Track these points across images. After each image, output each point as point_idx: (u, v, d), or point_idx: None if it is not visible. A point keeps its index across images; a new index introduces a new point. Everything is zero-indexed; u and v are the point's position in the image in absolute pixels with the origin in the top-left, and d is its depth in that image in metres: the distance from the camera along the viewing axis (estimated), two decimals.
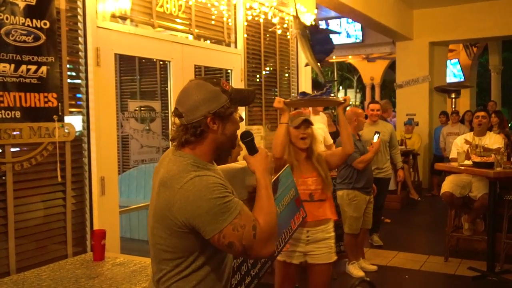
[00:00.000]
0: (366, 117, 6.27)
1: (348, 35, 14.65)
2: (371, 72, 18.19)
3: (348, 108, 5.49)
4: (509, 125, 11.05)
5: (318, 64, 3.58)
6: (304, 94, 3.62)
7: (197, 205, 1.71)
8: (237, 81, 5.51)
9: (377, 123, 6.57)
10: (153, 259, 1.93)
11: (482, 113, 5.92)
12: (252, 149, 1.97)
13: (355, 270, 5.43)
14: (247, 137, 1.98)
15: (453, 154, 5.96)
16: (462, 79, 15.12)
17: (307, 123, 3.56)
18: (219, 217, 1.71)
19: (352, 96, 27.49)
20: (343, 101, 3.66)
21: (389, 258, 6.13)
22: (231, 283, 2.23)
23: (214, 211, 1.70)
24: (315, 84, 7.37)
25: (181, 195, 1.74)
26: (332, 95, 3.54)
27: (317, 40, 3.50)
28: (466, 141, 5.84)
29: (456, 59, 15.16)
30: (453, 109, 11.16)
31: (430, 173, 11.00)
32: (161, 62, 5.94)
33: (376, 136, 5.48)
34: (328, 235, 3.58)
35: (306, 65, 4.22)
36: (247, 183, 2.12)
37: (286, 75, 6.49)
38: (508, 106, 21.37)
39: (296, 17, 3.49)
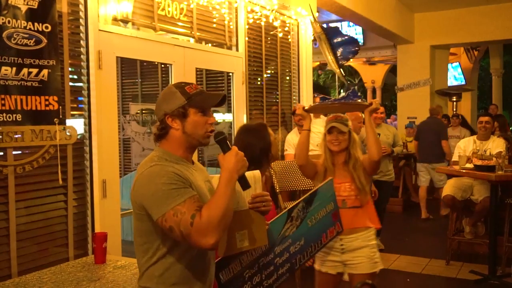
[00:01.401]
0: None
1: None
2: (372, 75, 18.21)
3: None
4: (511, 128, 10.99)
5: (340, 67, 3.46)
6: (324, 99, 3.54)
7: (147, 187, 1.90)
8: (239, 84, 5.51)
9: (380, 126, 6.58)
10: (134, 246, 2.08)
11: (486, 118, 5.94)
12: (225, 148, 2.02)
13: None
14: (219, 136, 2.05)
15: (455, 157, 5.97)
16: (463, 83, 15.13)
17: (336, 129, 3.41)
18: (163, 201, 1.85)
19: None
20: (369, 104, 3.36)
21: (391, 261, 6.12)
22: (222, 279, 2.23)
23: (159, 194, 1.86)
24: (316, 87, 7.38)
25: (139, 179, 1.95)
26: (358, 100, 3.34)
27: (342, 42, 3.40)
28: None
29: (457, 63, 15.16)
30: (454, 112, 11.15)
31: None
32: (162, 65, 5.95)
33: None
34: (366, 243, 3.40)
35: (321, 69, 4.15)
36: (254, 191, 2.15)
37: (288, 78, 6.49)
38: (509, 109, 21.36)
39: (315, 22, 3.44)
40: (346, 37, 3.44)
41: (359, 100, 3.35)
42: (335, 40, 3.38)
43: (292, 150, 5.61)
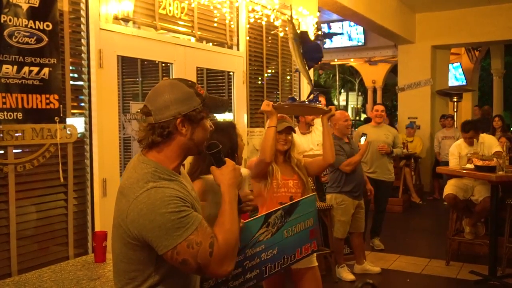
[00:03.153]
0: (369, 120, 6.28)
1: (350, 38, 14.68)
2: (373, 75, 18.20)
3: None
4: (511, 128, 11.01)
5: (307, 70, 3.58)
6: (293, 99, 3.59)
7: (150, 218, 1.63)
8: (239, 84, 5.52)
9: (380, 126, 6.59)
10: (113, 267, 1.87)
11: (468, 134, 6.02)
12: (219, 161, 1.90)
13: (344, 273, 5.41)
14: (214, 149, 1.90)
15: (451, 163, 6.03)
16: (464, 83, 15.12)
17: (290, 129, 3.56)
18: (173, 233, 1.62)
19: (354, 99, 27.53)
20: (328, 110, 3.64)
21: (391, 261, 6.13)
22: None
23: (168, 226, 1.62)
24: (317, 87, 7.39)
25: (135, 206, 1.66)
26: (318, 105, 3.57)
27: (308, 47, 3.51)
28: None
29: (458, 63, 15.15)
30: (449, 113, 11.15)
31: (431, 177, 10.99)
32: (163, 64, 5.95)
33: (363, 138, 5.45)
34: None
35: (296, 70, 4.23)
36: (242, 191, 2.07)
37: (288, 77, 6.50)
38: (510, 110, 21.34)
39: (290, 22, 3.50)
40: (312, 43, 3.58)
41: (320, 105, 3.59)
42: (306, 44, 3.50)
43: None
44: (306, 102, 3.61)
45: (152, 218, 1.63)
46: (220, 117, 6.07)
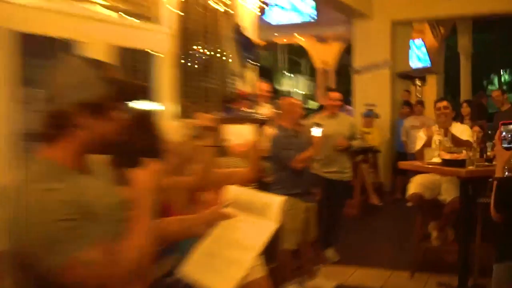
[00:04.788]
0: (320, 108, 6.28)
1: (299, 12, 14.68)
2: (324, 55, 18.26)
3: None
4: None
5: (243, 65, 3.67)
6: (229, 109, 3.73)
7: (37, 228, 1.56)
8: (166, 67, 5.43)
9: (336, 116, 6.59)
10: None
11: (444, 103, 6.08)
12: (132, 161, 1.86)
13: None
14: (125, 146, 1.88)
15: (418, 146, 6.06)
16: (428, 65, 15.40)
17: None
18: (64, 246, 1.56)
19: (302, 83, 27.71)
20: (265, 118, 3.76)
21: (347, 275, 6.14)
22: None
23: (57, 236, 1.56)
24: (264, 72, 7.39)
25: (21, 216, 1.58)
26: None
27: (242, 41, 3.61)
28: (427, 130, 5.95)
29: (421, 40, 15.38)
30: (419, 98, 11.36)
31: (392, 173, 11.13)
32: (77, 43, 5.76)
33: (318, 130, 5.43)
34: None
35: (270, 48, 4.29)
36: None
37: (230, 60, 6.44)
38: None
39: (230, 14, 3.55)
40: (247, 39, 3.70)
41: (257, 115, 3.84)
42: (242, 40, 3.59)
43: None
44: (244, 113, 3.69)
45: (39, 228, 1.55)
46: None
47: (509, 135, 3.13)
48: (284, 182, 5.34)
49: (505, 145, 3.12)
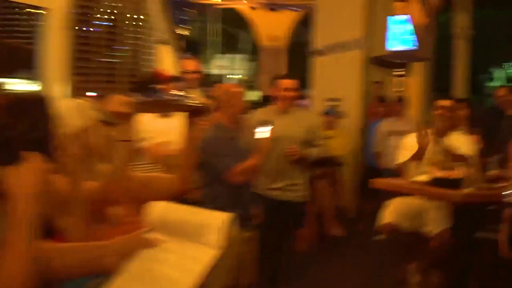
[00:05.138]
0: (265, 100, 6.28)
1: None
2: (274, 28, 18.23)
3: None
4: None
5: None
6: (152, 92, 3.67)
7: None
8: (55, 31, 5.38)
9: (290, 112, 6.57)
10: None
11: (446, 103, 6.14)
12: (11, 156, 1.88)
13: None
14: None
15: (399, 159, 6.18)
16: (415, 47, 15.37)
17: None
18: None
19: (239, 65, 27.72)
20: (203, 106, 3.65)
21: None
22: None
23: None
24: (188, 47, 7.41)
25: None
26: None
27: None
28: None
29: (406, 16, 15.49)
30: (399, 94, 11.38)
31: (360, 195, 11.18)
32: None
33: (265, 130, 5.48)
34: None
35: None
36: None
37: (139, 27, 6.45)
38: (479, 91, 22.45)
39: None
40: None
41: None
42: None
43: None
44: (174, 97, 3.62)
45: None
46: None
47: None
48: (216, 200, 5.28)
49: None
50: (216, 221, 2.10)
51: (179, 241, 2.12)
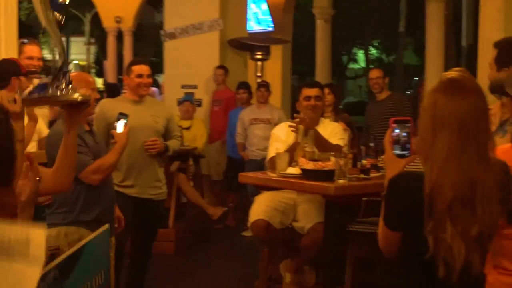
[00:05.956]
0: (115, 89, 5.95)
1: None
2: (117, 8, 17.96)
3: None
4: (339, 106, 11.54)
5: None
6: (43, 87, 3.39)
7: None
8: None
9: (144, 101, 6.36)
10: None
11: (315, 91, 6.18)
12: None
13: None
14: None
15: (271, 153, 6.06)
16: (271, 28, 15.22)
17: None
18: None
19: (80, 50, 27.29)
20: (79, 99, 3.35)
21: None
22: None
23: None
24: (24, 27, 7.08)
25: None
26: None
27: None
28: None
29: None
30: (261, 80, 11.30)
31: (222, 188, 11.13)
32: None
33: (121, 123, 5.29)
34: None
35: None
36: None
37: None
38: (338, 74, 22.81)
39: None
40: None
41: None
42: None
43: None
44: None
45: None
46: None
47: (403, 138, 3.02)
48: (70, 203, 4.94)
49: (398, 152, 3.01)
50: (33, 236, 1.77)
51: None
